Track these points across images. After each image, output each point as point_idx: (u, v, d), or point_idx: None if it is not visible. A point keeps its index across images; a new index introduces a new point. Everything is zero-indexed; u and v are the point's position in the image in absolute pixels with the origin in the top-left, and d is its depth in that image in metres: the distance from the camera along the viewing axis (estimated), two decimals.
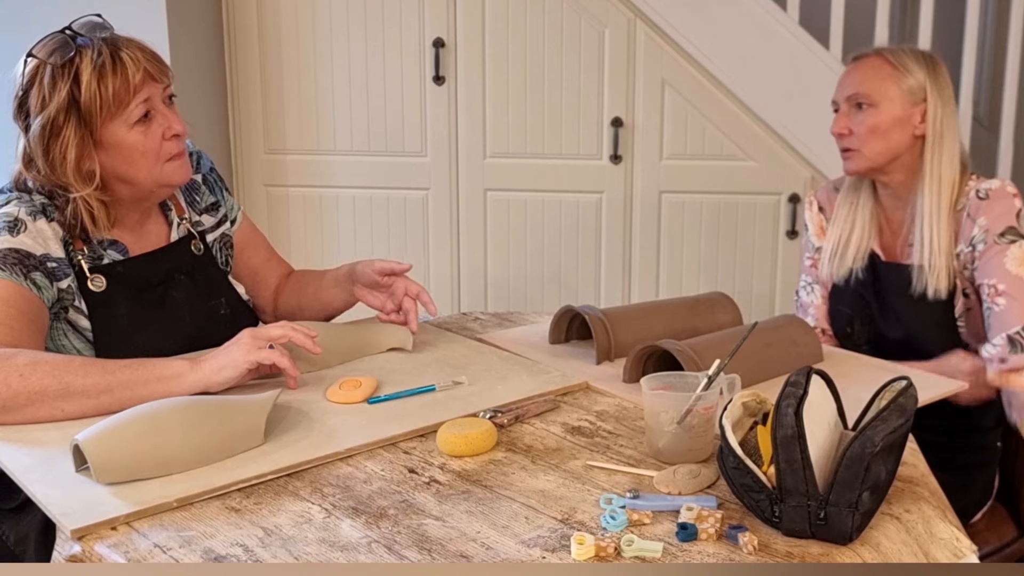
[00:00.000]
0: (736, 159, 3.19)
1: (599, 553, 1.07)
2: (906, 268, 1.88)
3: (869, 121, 1.85)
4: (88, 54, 1.52)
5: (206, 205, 1.79)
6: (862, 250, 1.95)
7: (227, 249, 1.81)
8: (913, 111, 1.85)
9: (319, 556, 1.08)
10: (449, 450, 1.32)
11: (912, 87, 1.85)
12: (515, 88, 3.25)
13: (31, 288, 1.51)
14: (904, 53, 1.88)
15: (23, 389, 1.37)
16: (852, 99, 1.88)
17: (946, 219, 1.83)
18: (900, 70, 1.85)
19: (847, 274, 1.96)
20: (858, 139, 1.87)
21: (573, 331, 1.78)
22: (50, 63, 1.52)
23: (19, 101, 1.56)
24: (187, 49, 3.17)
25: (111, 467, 1.22)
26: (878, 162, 1.87)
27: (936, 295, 1.83)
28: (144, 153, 1.57)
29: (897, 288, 1.89)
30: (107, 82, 1.52)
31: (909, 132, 1.86)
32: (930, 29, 3.04)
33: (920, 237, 1.85)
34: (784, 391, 1.12)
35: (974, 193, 1.82)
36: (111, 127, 1.54)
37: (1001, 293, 1.78)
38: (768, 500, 1.11)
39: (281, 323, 1.52)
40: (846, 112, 1.89)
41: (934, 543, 1.16)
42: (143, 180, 1.59)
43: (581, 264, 3.36)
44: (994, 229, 1.80)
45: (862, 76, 1.88)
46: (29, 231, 1.54)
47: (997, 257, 1.79)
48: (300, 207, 3.47)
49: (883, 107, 1.84)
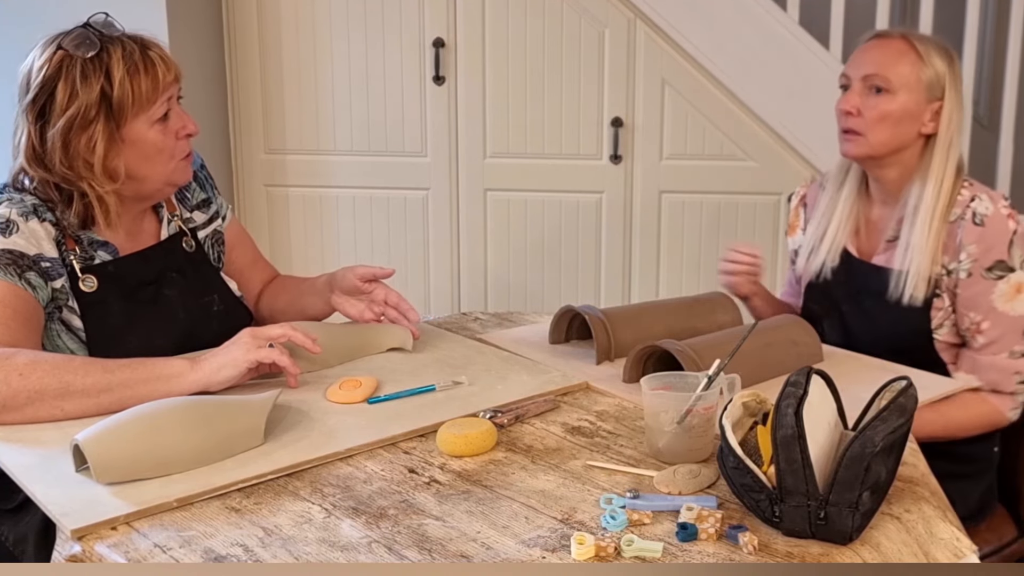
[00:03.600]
0: (736, 159, 3.19)
1: (599, 553, 1.07)
2: (883, 270, 1.81)
3: (883, 107, 1.75)
4: (117, 50, 1.54)
5: (197, 202, 1.79)
6: (836, 246, 1.87)
7: (219, 246, 1.81)
8: (927, 107, 1.76)
9: (319, 556, 1.08)
10: (449, 450, 1.32)
11: (932, 81, 1.76)
12: (515, 88, 3.25)
13: (26, 288, 1.51)
14: (930, 42, 1.78)
15: (23, 388, 1.37)
16: (869, 79, 1.77)
17: (938, 225, 1.74)
18: (924, 60, 1.76)
19: (819, 269, 1.90)
20: (866, 123, 1.77)
21: (573, 331, 1.78)
22: (79, 55, 1.52)
23: (36, 94, 1.54)
24: (187, 49, 3.17)
25: (111, 467, 1.22)
26: (880, 151, 1.78)
27: (912, 302, 1.76)
28: (161, 151, 1.59)
29: (871, 290, 1.82)
30: (139, 80, 1.54)
31: (916, 128, 1.77)
32: (930, 29, 3.03)
33: (907, 240, 1.77)
34: (784, 391, 1.12)
35: (970, 215, 1.72)
36: (135, 124, 1.56)
37: (982, 331, 1.74)
38: (768, 500, 1.11)
39: (281, 323, 1.52)
40: (859, 91, 1.78)
41: (934, 543, 1.16)
42: (154, 178, 1.60)
43: (581, 264, 3.36)
44: (983, 262, 1.71)
45: (885, 58, 1.77)
46: (22, 232, 1.54)
47: (984, 295, 1.72)
48: (300, 207, 3.47)
49: (900, 96, 1.75)
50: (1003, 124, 3.09)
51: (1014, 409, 1.78)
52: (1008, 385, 1.75)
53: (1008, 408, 1.77)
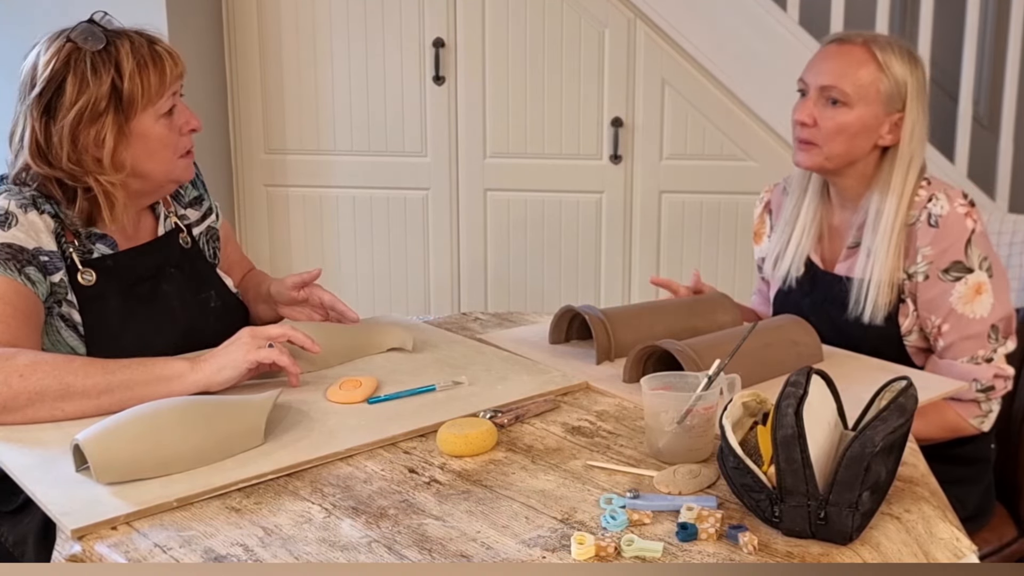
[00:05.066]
0: (736, 159, 3.19)
1: (599, 553, 1.07)
2: (845, 281, 1.78)
3: (840, 119, 1.71)
4: (125, 44, 1.54)
5: (190, 199, 1.80)
6: (800, 254, 1.84)
7: (213, 242, 1.82)
8: (885, 119, 1.72)
9: (319, 556, 1.08)
10: (449, 450, 1.32)
11: (892, 93, 1.71)
12: (515, 88, 3.25)
13: (25, 283, 1.50)
14: (891, 49, 1.72)
15: (23, 390, 1.37)
16: (826, 91, 1.72)
17: (897, 236, 1.71)
18: (885, 71, 1.70)
19: (784, 278, 1.87)
20: (821, 134, 1.73)
21: (573, 331, 1.78)
22: (88, 48, 1.52)
23: (43, 88, 1.53)
24: (187, 49, 3.16)
25: (111, 467, 1.22)
26: (834, 163, 1.75)
27: (875, 312, 1.73)
28: (166, 145, 1.59)
29: (836, 300, 1.79)
30: (148, 73, 1.55)
31: (873, 140, 1.73)
32: (930, 29, 3.04)
33: (868, 248, 1.74)
34: (784, 391, 1.12)
35: (925, 216, 1.70)
36: (142, 117, 1.56)
37: (942, 334, 1.72)
38: (768, 500, 1.11)
39: (280, 323, 1.52)
40: (815, 101, 1.74)
41: (934, 543, 1.16)
42: (158, 174, 1.61)
43: (581, 264, 3.36)
44: (938, 264, 1.69)
45: (843, 68, 1.71)
46: (21, 224, 1.53)
47: (942, 296, 1.70)
48: (300, 207, 3.47)
49: (858, 108, 1.71)
50: (1003, 124, 3.09)
51: (979, 418, 1.74)
52: (967, 392, 1.71)
53: (972, 416, 1.73)
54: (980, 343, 1.71)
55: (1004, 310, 1.72)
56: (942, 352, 1.74)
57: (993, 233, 2.33)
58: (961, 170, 3.07)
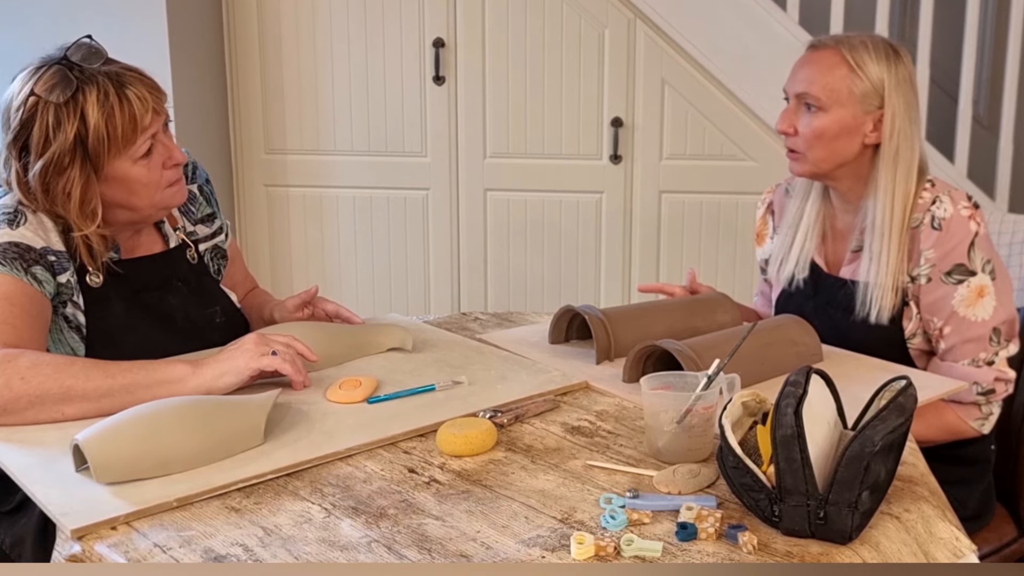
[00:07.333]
0: (736, 159, 3.19)
1: (599, 553, 1.07)
2: (849, 284, 1.77)
3: (816, 124, 1.71)
4: (92, 92, 1.49)
5: (201, 216, 1.79)
6: (804, 257, 1.84)
7: (219, 260, 1.81)
8: (865, 119, 1.71)
9: (319, 556, 1.08)
10: (449, 450, 1.32)
11: (867, 92, 1.70)
12: (515, 88, 3.25)
13: (32, 283, 1.50)
14: (865, 49, 1.71)
15: (24, 392, 1.37)
16: (801, 97, 1.73)
17: (897, 237, 1.70)
18: (856, 72, 1.69)
19: (788, 280, 1.87)
20: (803, 141, 1.73)
21: (573, 331, 1.78)
22: (52, 101, 1.49)
23: (15, 134, 1.52)
24: (187, 49, 3.17)
25: (111, 467, 1.22)
26: (823, 168, 1.74)
27: (879, 316, 1.72)
28: (147, 185, 1.57)
29: (839, 304, 1.79)
30: (115, 122, 1.50)
31: (859, 140, 1.72)
32: (930, 29, 3.04)
33: (869, 251, 1.73)
34: (784, 391, 1.12)
35: (929, 219, 1.69)
36: (116, 163, 1.53)
37: (944, 336, 1.71)
38: (768, 500, 1.11)
39: (285, 335, 1.52)
40: (794, 109, 1.74)
41: (934, 543, 1.16)
42: (144, 207, 1.60)
43: (581, 264, 3.36)
44: (941, 266, 1.68)
45: (815, 73, 1.72)
46: (29, 223, 1.53)
47: (945, 299, 1.69)
48: (300, 207, 3.47)
49: (832, 112, 1.70)
50: (1003, 124, 3.09)
51: (979, 420, 1.73)
52: (968, 395, 1.71)
53: (972, 419, 1.73)
54: (981, 346, 1.71)
55: (1006, 313, 1.72)
56: (943, 354, 1.74)
57: (993, 233, 2.33)
58: (961, 170, 3.06)
